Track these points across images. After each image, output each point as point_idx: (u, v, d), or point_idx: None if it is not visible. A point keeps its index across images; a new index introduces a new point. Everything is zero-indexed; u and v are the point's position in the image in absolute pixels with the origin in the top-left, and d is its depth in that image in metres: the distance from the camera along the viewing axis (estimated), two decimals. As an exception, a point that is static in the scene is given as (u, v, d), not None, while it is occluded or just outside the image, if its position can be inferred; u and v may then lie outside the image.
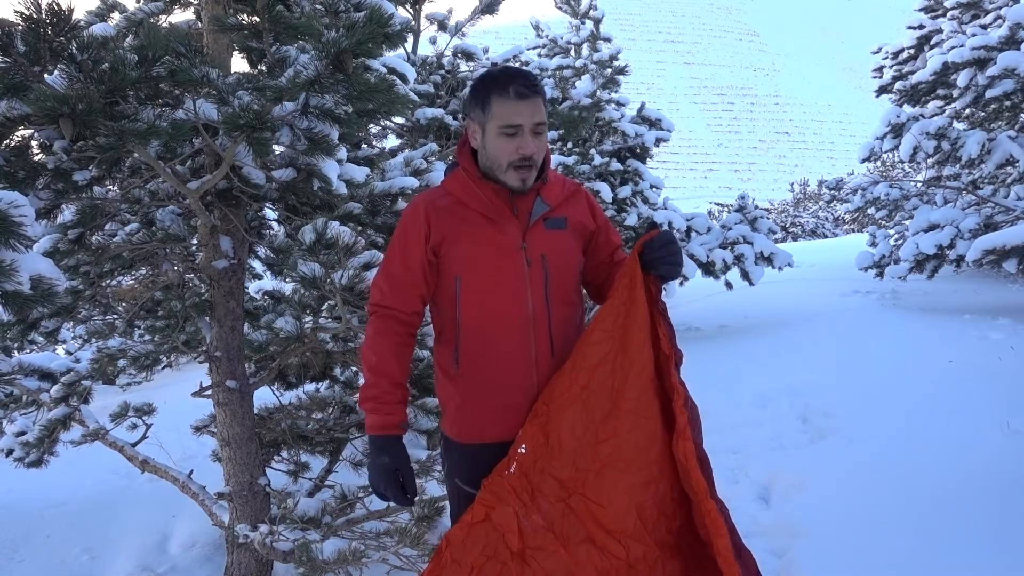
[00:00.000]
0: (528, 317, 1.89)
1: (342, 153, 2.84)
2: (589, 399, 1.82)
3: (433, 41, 7.10)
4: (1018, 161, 7.06)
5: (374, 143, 6.82)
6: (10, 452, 3.93)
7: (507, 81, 1.83)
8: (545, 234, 1.93)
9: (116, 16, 3.45)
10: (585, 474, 1.81)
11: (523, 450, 1.83)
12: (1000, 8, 9.02)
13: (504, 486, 1.81)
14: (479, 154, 1.93)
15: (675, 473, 1.84)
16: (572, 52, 9.30)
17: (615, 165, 8.17)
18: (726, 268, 8.24)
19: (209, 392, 3.39)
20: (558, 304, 1.93)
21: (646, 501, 1.81)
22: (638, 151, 8.58)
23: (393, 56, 3.84)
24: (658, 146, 8.74)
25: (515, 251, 1.90)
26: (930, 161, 7.89)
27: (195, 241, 3.41)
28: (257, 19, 2.78)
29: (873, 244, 9.48)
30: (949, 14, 9.84)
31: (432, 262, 1.93)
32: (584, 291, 2.16)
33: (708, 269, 8.28)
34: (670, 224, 8.07)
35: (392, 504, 2.14)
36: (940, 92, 8.19)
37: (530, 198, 1.94)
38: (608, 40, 9.11)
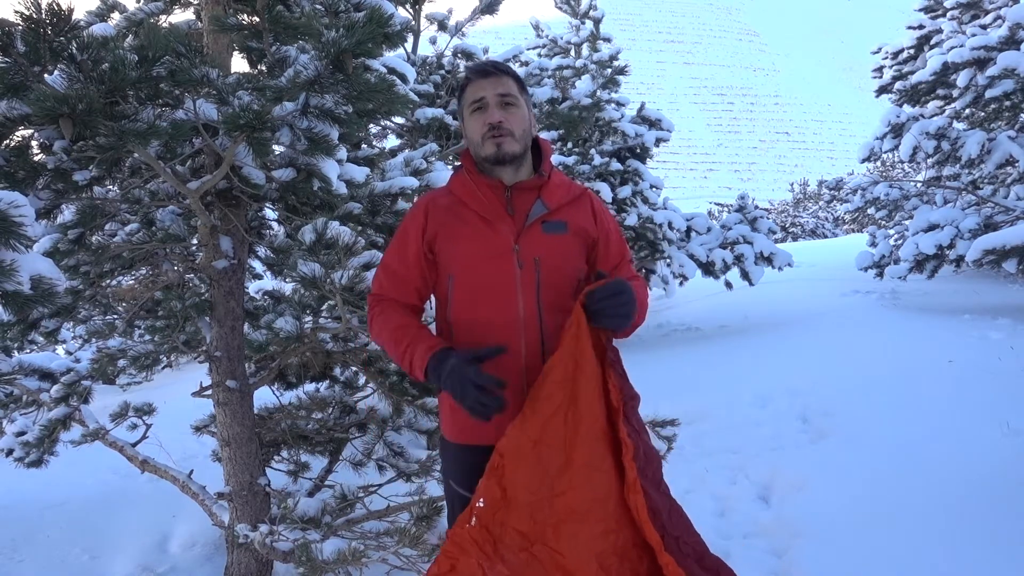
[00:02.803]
0: (518, 320, 1.87)
1: (342, 153, 2.84)
2: (543, 452, 1.81)
3: (433, 41, 7.10)
4: (1018, 161, 7.06)
5: (374, 143, 6.82)
6: (10, 452, 3.93)
7: (472, 67, 1.95)
8: (542, 237, 1.90)
9: (116, 16, 3.45)
10: (544, 526, 1.81)
11: (481, 504, 1.82)
12: (1000, 8, 9.03)
13: (466, 538, 1.81)
14: (470, 150, 1.98)
15: (632, 522, 1.85)
16: (572, 52, 9.31)
17: (615, 165, 8.18)
18: (726, 268, 8.25)
19: (209, 392, 3.39)
20: (551, 310, 1.89)
21: (606, 550, 1.81)
22: (638, 151, 8.59)
23: (393, 56, 3.85)
24: (658, 146, 8.75)
25: (507, 252, 1.87)
26: (930, 161, 7.90)
27: (195, 241, 3.41)
28: (257, 19, 2.78)
29: (873, 244, 9.49)
30: (949, 14, 9.86)
31: (429, 258, 1.94)
32: None
33: (708, 269, 8.29)
34: (670, 224, 8.07)
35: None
36: (940, 92, 8.19)
37: (530, 199, 1.92)
38: (608, 40, 9.12)
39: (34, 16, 2.12)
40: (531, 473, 1.81)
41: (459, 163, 2.05)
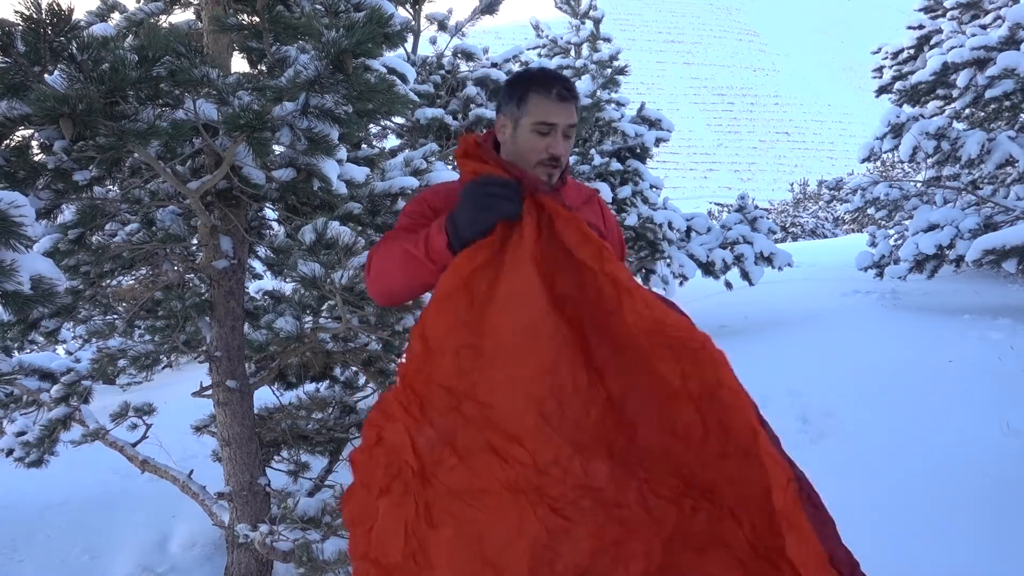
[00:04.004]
0: None
1: (342, 153, 2.84)
2: (471, 292, 1.58)
3: (433, 41, 7.09)
4: (1018, 161, 7.06)
5: (374, 143, 6.82)
6: (10, 452, 3.93)
7: (549, 81, 1.83)
8: None
9: (116, 16, 3.45)
10: (471, 376, 1.56)
11: (402, 360, 1.63)
12: (1000, 8, 9.03)
13: (391, 402, 1.61)
14: (502, 150, 1.92)
15: (576, 356, 1.58)
16: (572, 52, 9.30)
17: (615, 165, 8.17)
18: (726, 268, 8.25)
19: (209, 392, 3.39)
20: None
21: (543, 394, 1.54)
22: (638, 151, 8.58)
23: (393, 56, 3.85)
24: (658, 146, 8.74)
25: None
26: (930, 161, 7.90)
27: (195, 241, 3.41)
28: (257, 19, 2.78)
29: (873, 244, 9.49)
30: (949, 14, 9.85)
31: None
32: None
33: (708, 269, 8.29)
34: (670, 224, 8.07)
35: None
36: (940, 92, 8.19)
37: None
38: (608, 40, 9.12)
39: (34, 16, 2.12)
40: (454, 313, 1.58)
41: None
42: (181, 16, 3.56)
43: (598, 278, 1.56)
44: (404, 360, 1.64)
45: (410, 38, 6.73)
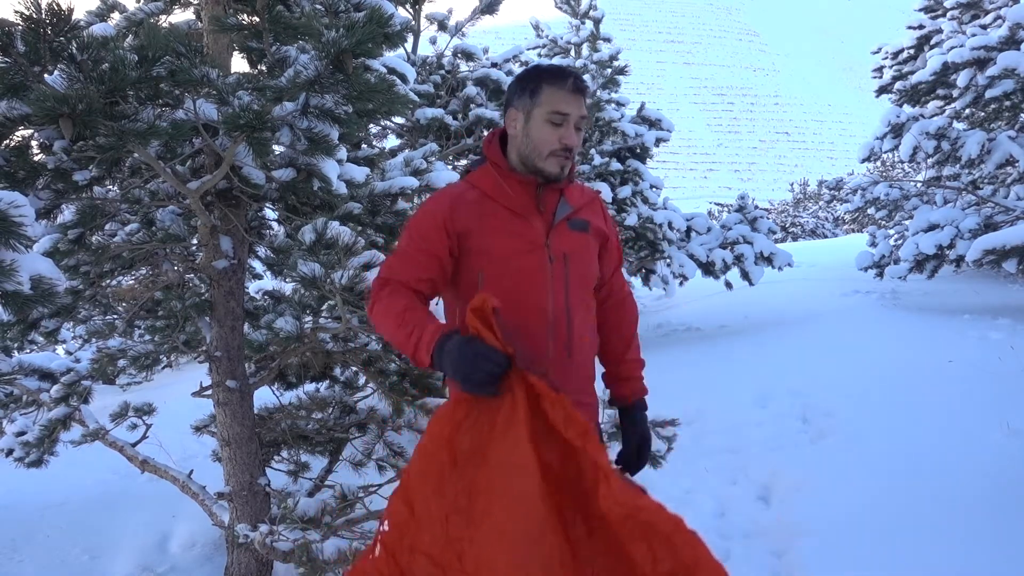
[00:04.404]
0: (548, 314, 1.87)
1: (342, 153, 2.84)
2: (454, 451, 1.59)
3: (433, 41, 7.09)
4: (1018, 161, 7.06)
5: (374, 143, 6.82)
6: (10, 452, 3.93)
7: (563, 73, 1.88)
8: (569, 234, 1.92)
9: (116, 16, 3.45)
10: (457, 544, 1.54)
11: (385, 527, 1.60)
12: (1000, 8, 9.03)
13: (370, 571, 1.58)
14: (512, 143, 1.93)
15: (559, 530, 1.55)
16: (572, 52, 9.31)
17: (615, 165, 8.18)
18: (726, 268, 8.25)
19: (209, 392, 3.39)
20: (578, 305, 1.91)
21: (531, 567, 1.50)
22: (638, 151, 8.58)
23: (393, 56, 3.85)
24: (658, 146, 8.74)
25: (539, 247, 1.88)
26: (930, 161, 7.90)
27: (195, 241, 3.41)
28: (257, 19, 2.78)
29: (873, 244, 9.49)
30: (949, 14, 9.85)
31: (453, 252, 1.89)
32: None
33: (708, 269, 8.29)
34: (670, 224, 8.07)
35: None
36: (940, 92, 8.19)
37: (555, 197, 1.94)
38: (608, 40, 9.12)
39: (34, 16, 2.12)
40: (437, 476, 1.58)
41: (464, 162, 2.03)
42: (181, 16, 3.56)
43: (580, 457, 1.55)
44: (385, 527, 1.60)
45: (410, 38, 6.73)
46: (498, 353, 1.59)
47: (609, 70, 8.63)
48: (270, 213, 3.69)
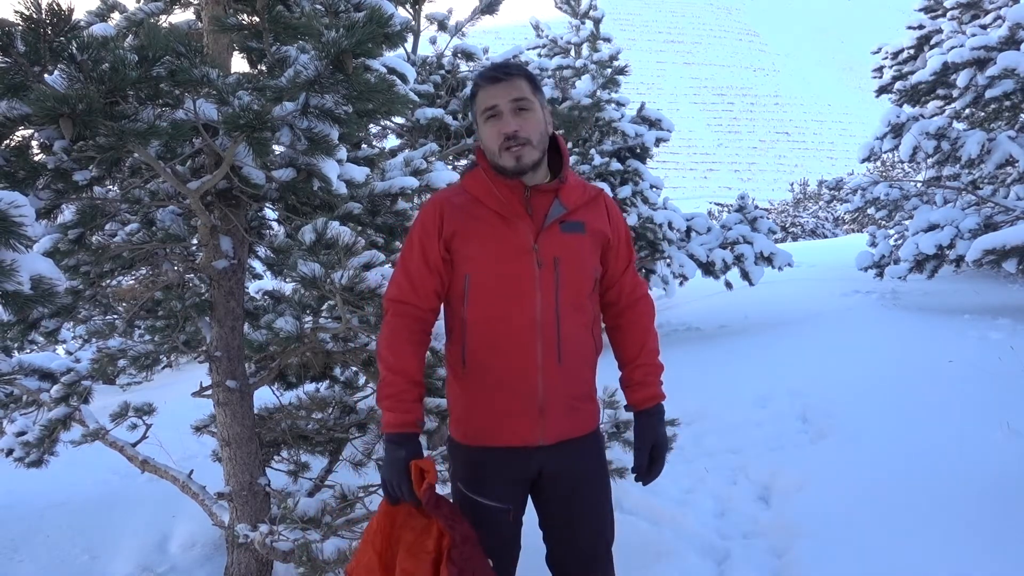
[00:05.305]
0: (535, 321, 1.85)
1: (342, 153, 2.84)
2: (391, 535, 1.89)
3: (433, 41, 7.09)
4: (1018, 161, 7.06)
5: (374, 143, 6.82)
6: (10, 452, 3.92)
7: (483, 72, 1.90)
8: (560, 237, 1.89)
9: (116, 16, 3.44)
10: None
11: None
12: (1000, 8, 9.03)
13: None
14: (486, 155, 1.94)
15: None
16: (572, 52, 9.31)
17: (615, 165, 8.17)
18: (726, 268, 8.25)
19: (209, 392, 3.39)
20: (569, 310, 1.89)
21: None
22: (638, 151, 8.58)
23: (393, 56, 3.84)
24: (658, 146, 8.74)
25: (526, 252, 1.86)
26: (930, 161, 7.90)
27: (195, 241, 3.41)
28: (257, 19, 2.78)
29: (873, 244, 9.50)
30: (949, 14, 9.86)
31: (445, 258, 1.91)
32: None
33: (708, 269, 8.29)
34: (670, 224, 8.06)
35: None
36: (940, 92, 8.19)
37: (547, 199, 1.91)
38: (608, 40, 9.12)
39: (34, 16, 2.12)
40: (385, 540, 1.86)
41: (465, 162, 2.05)
42: (181, 16, 3.56)
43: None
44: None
45: (410, 38, 6.73)
46: (409, 492, 1.83)
47: (609, 70, 8.63)
48: (270, 213, 3.69)
